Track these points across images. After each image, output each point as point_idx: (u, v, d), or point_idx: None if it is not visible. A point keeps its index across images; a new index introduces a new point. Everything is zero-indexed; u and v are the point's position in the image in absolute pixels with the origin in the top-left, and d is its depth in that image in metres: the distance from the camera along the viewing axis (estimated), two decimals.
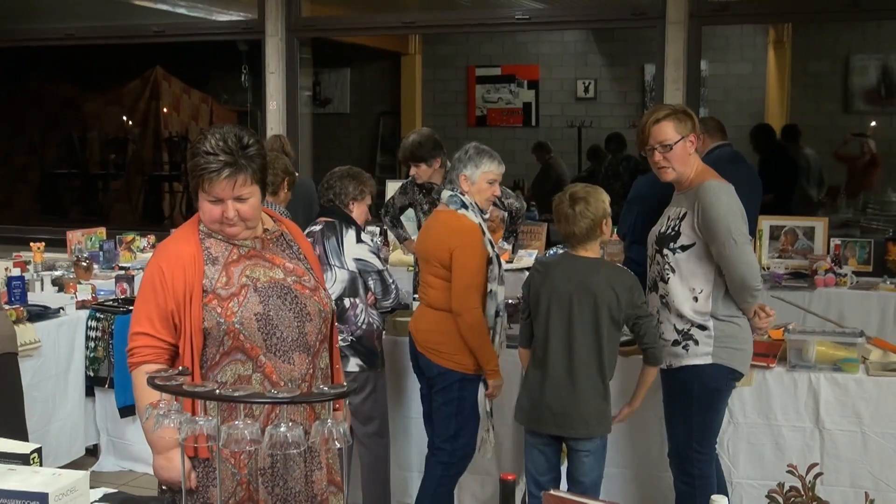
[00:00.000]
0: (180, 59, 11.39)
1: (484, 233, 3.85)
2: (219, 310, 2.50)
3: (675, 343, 3.56)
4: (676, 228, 3.58)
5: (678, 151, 3.54)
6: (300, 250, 2.73)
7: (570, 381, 3.49)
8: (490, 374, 3.83)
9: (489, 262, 3.81)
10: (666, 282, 3.57)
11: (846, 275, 5.82)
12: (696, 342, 3.52)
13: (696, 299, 3.52)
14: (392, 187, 6.93)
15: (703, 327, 3.52)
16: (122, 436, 5.12)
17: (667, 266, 3.57)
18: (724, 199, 3.47)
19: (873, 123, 11.00)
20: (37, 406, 4.70)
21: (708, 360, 3.52)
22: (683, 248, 3.54)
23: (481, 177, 3.87)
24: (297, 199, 5.17)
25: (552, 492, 1.67)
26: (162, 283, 2.53)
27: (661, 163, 3.57)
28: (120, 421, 5.06)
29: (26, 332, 4.67)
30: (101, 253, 6.34)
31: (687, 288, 3.53)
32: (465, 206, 3.84)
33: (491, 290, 3.80)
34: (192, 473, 2.51)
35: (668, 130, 3.54)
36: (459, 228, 3.81)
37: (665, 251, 3.59)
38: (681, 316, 3.55)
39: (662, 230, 3.64)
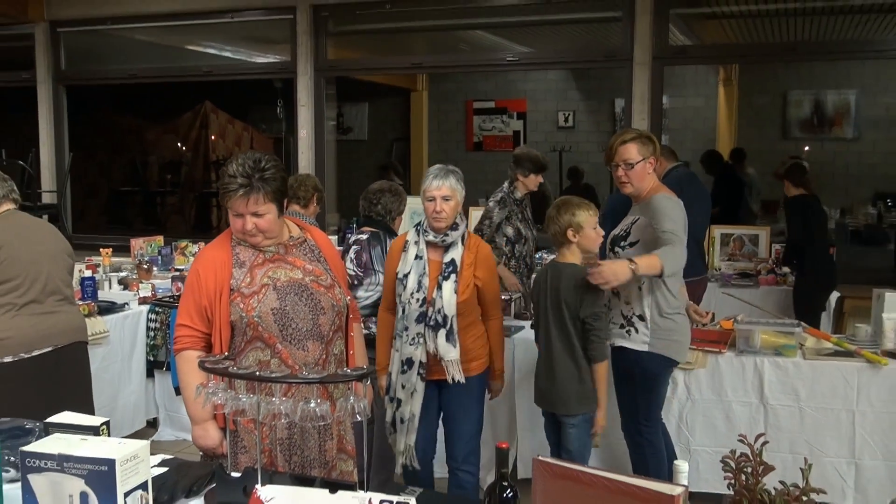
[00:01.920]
0: (226, 95, 11.41)
1: (404, 250, 3.44)
2: (241, 305, 2.52)
3: (621, 326, 3.54)
4: (628, 230, 3.58)
5: (638, 170, 3.52)
6: (321, 253, 2.71)
7: (551, 367, 3.46)
8: (377, 374, 3.53)
9: (396, 277, 3.43)
10: None
11: (785, 275, 5.83)
12: (637, 330, 3.49)
13: (639, 288, 3.47)
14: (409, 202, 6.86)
15: (642, 318, 3.48)
16: (177, 410, 5.12)
17: None
18: (678, 207, 3.47)
19: (807, 148, 11.03)
20: (105, 386, 4.71)
21: (645, 349, 3.48)
22: (631, 244, 3.54)
23: (422, 196, 3.41)
24: None
25: (540, 457, 1.65)
26: (198, 283, 2.57)
27: (622, 178, 3.56)
28: (175, 398, 5.06)
29: (96, 324, 4.68)
30: (159, 257, 6.35)
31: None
32: (418, 225, 3.50)
33: (396, 304, 3.44)
34: (224, 442, 2.54)
35: (632, 151, 3.52)
36: None
37: (617, 249, 3.59)
38: (627, 303, 3.52)
39: (616, 232, 3.65)
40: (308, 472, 2.51)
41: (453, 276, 3.34)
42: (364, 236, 4.02)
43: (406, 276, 3.37)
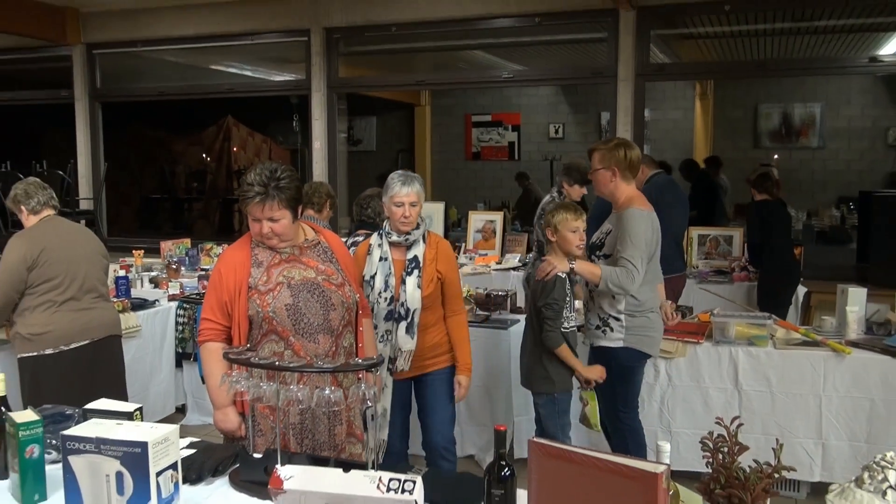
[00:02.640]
0: (246, 110, 11.43)
1: (369, 253, 3.26)
2: (258, 302, 2.50)
3: (597, 328, 3.48)
4: (602, 241, 3.53)
5: (598, 177, 3.51)
6: (333, 255, 2.70)
7: (525, 349, 3.53)
8: None
9: (364, 279, 3.21)
10: None
11: (757, 272, 5.81)
12: (612, 329, 3.44)
13: (613, 297, 3.42)
14: None
15: (616, 318, 3.43)
16: (203, 397, 5.11)
17: None
18: (646, 224, 3.37)
19: (776, 156, 11.04)
20: (138, 375, 4.71)
21: (620, 344, 3.44)
22: (605, 256, 3.48)
23: (388, 201, 3.21)
24: None
25: (535, 439, 1.65)
26: (220, 281, 2.56)
27: (591, 179, 3.57)
28: (202, 386, 5.04)
29: (129, 319, 4.67)
30: (186, 258, 6.34)
31: None
32: (380, 230, 3.33)
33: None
34: (243, 426, 2.53)
35: (595, 159, 3.51)
36: None
37: (593, 257, 3.53)
38: (601, 307, 3.46)
39: (593, 240, 3.59)
40: (319, 453, 2.50)
41: (416, 272, 3.20)
42: (360, 238, 4.04)
43: (373, 277, 3.22)
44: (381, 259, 3.23)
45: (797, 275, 5.62)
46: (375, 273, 3.22)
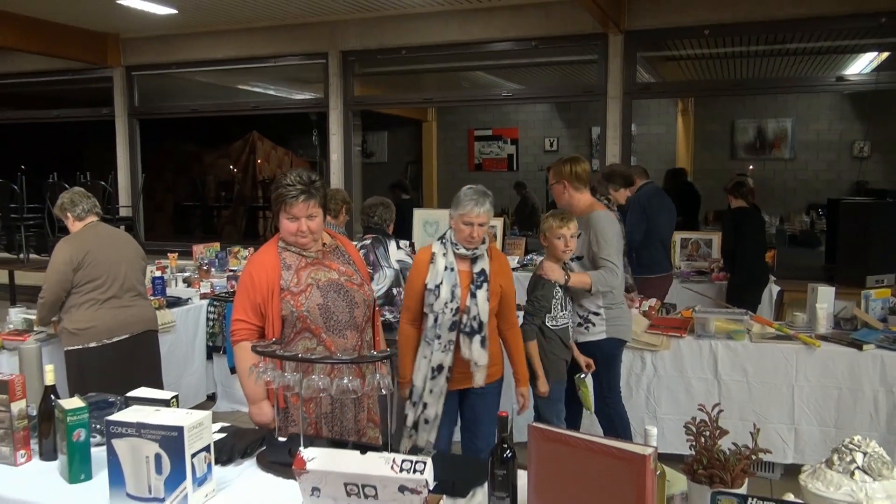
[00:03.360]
0: (270, 126, 11.46)
1: (432, 261, 2.97)
2: (292, 302, 2.47)
3: (579, 325, 3.47)
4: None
5: (554, 191, 3.60)
6: (350, 258, 2.69)
7: (524, 343, 3.48)
8: (400, 385, 3.04)
9: (426, 288, 2.95)
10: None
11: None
12: (594, 324, 3.45)
13: (591, 292, 3.40)
14: (419, 216, 6.85)
15: (597, 314, 3.45)
16: (231, 386, 5.13)
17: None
18: (613, 225, 3.44)
19: (751, 167, 11.02)
20: (172, 366, 4.72)
21: (602, 336, 3.45)
22: (577, 258, 3.49)
23: (458, 217, 2.93)
24: None
25: (534, 424, 1.65)
26: (252, 284, 2.50)
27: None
28: (230, 376, 5.07)
29: (165, 316, 4.69)
30: (216, 260, 6.35)
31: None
32: (441, 238, 3.05)
33: (425, 314, 2.96)
34: (276, 418, 2.49)
35: (550, 176, 3.63)
36: None
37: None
38: (581, 305, 3.46)
39: None
40: (346, 438, 2.49)
41: (485, 285, 2.94)
42: (367, 241, 4.06)
43: (438, 286, 2.92)
44: (447, 269, 2.95)
45: (766, 278, 5.56)
46: (441, 283, 2.92)
